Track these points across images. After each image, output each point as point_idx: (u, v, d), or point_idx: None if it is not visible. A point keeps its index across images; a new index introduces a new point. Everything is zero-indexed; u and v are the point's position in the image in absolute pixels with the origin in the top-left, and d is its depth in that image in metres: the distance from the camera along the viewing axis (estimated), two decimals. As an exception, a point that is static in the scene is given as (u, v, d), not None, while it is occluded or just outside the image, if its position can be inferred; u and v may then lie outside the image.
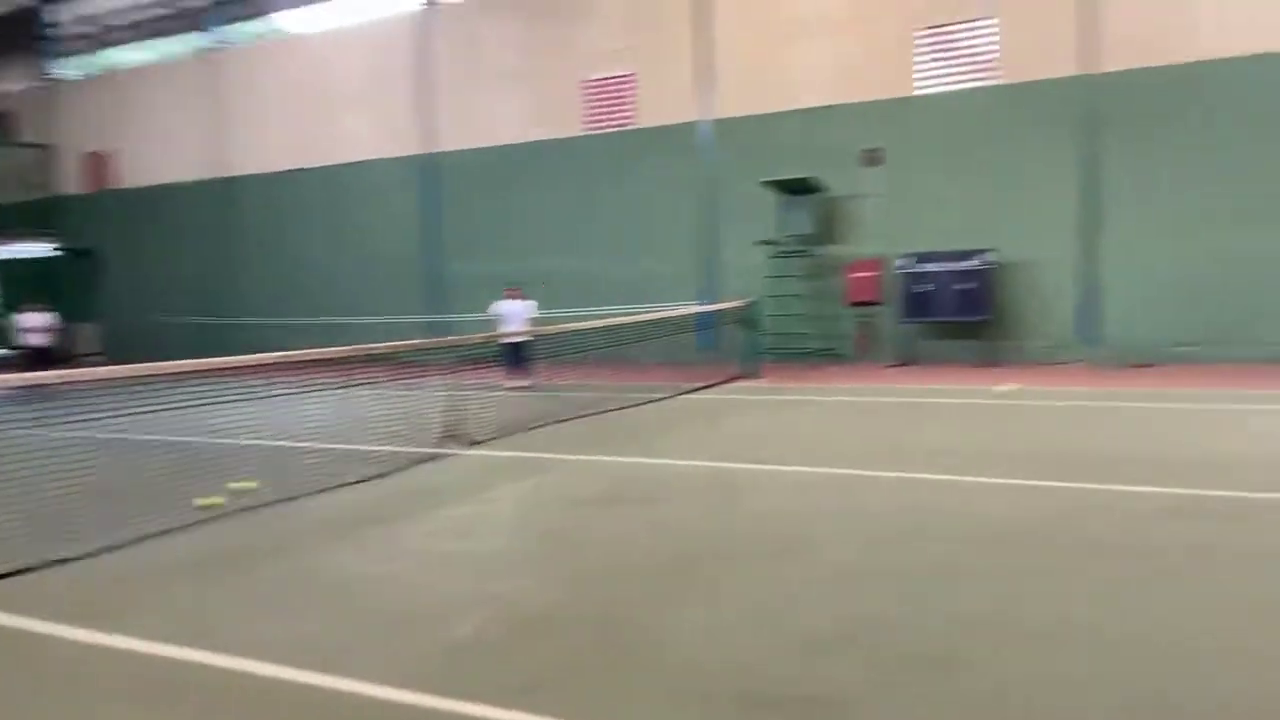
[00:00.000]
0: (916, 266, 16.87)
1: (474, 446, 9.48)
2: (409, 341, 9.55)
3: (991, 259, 16.42)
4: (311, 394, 10.86)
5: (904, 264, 16.96)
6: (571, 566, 5.55)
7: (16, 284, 24.14)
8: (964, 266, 16.52)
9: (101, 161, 26.94)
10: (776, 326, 17.51)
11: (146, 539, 6.19)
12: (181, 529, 6.45)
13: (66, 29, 27.51)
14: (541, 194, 20.93)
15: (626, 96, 20.26)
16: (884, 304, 17.33)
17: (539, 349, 14.75)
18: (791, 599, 4.78)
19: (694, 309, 16.21)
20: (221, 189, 24.98)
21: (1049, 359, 16.18)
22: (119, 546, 6.00)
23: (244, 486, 7.54)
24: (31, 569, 5.50)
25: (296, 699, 3.78)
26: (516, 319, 14.71)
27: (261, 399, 9.46)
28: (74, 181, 27.58)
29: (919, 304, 16.88)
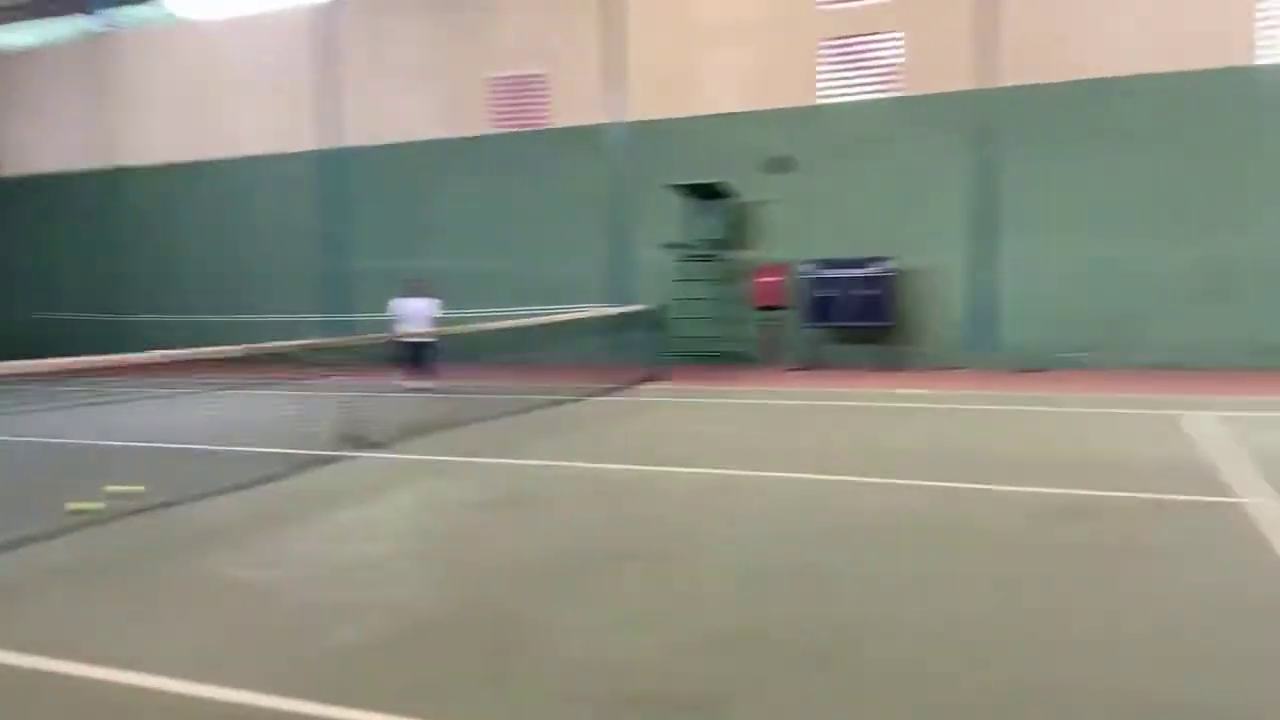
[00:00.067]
0: (820, 272, 17.16)
1: (371, 449, 9.24)
2: (305, 341, 9.26)
3: (892, 266, 16.82)
4: (200, 394, 10.46)
5: (808, 270, 17.24)
6: (465, 570, 5.43)
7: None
8: (866, 273, 16.87)
9: (-21, 148, 25.52)
10: (684, 329, 17.60)
11: (20, 545, 5.84)
12: (60, 534, 6.10)
13: (-58, 8, 26.02)
14: (449, 192, 20.62)
15: (536, 96, 20.12)
16: (789, 308, 17.58)
17: (443, 349, 14.50)
18: (683, 600, 4.77)
19: (602, 311, 16.17)
20: (108, 180, 23.90)
21: (946, 364, 16.64)
22: (-19, 553, 5.64)
23: (127, 490, 7.18)
24: (-121, 578, 5.13)
25: (164, 709, 3.58)
26: (417, 318, 14.33)
27: (148, 399, 9.06)
28: (-52, 169, 26.10)
29: (822, 309, 17.17)
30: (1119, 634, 4.22)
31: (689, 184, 17.84)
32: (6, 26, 25.37)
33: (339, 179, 21.65)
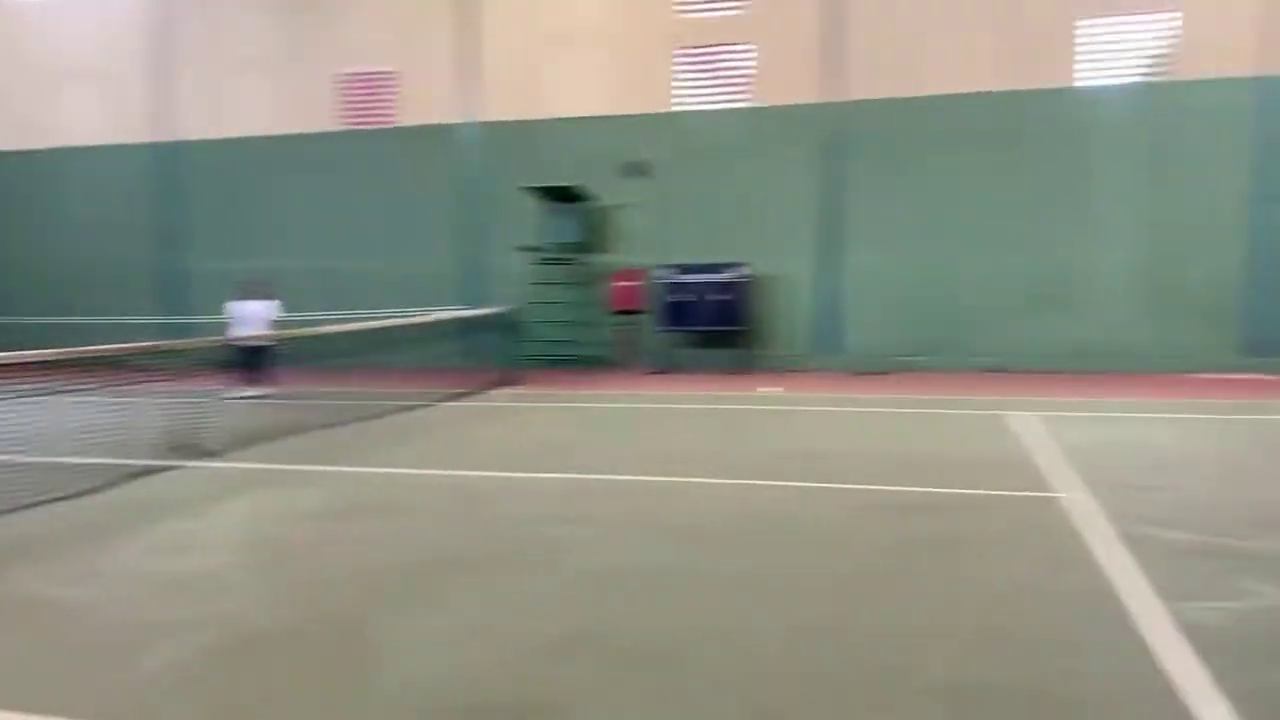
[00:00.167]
0: (676, 277, 17.38)
1: (205, 458, 8.77)
2: (130, 344, 8.69)
3: (746, 272, 17.20)
4: (13, 401, 9.69)
5: (664, 274, 17.43)
6: (301, 581, 5.20)
7: None
8: (721, 278, 17.19)
9: None
10: (540, 333, 17.50)
11: None
12: None
13: None
14: (296, 190, 19.87)
15: (387, 93, 19.63)
16: (645, 312, 17.73)
17: (286, 354, 13.92)
18: (528, 606, 4.71)
19: (455, 314, 15.88)
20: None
21: (795, 366, 17.14)
22: None
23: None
24: None
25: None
26: (255, 321, 13.65)
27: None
28: None
29: (678, 313, 17.40)
30: (944, 624, 4.41)
31: (545, 186, 17.76)
32: None
33: (176, 174, 20.54)
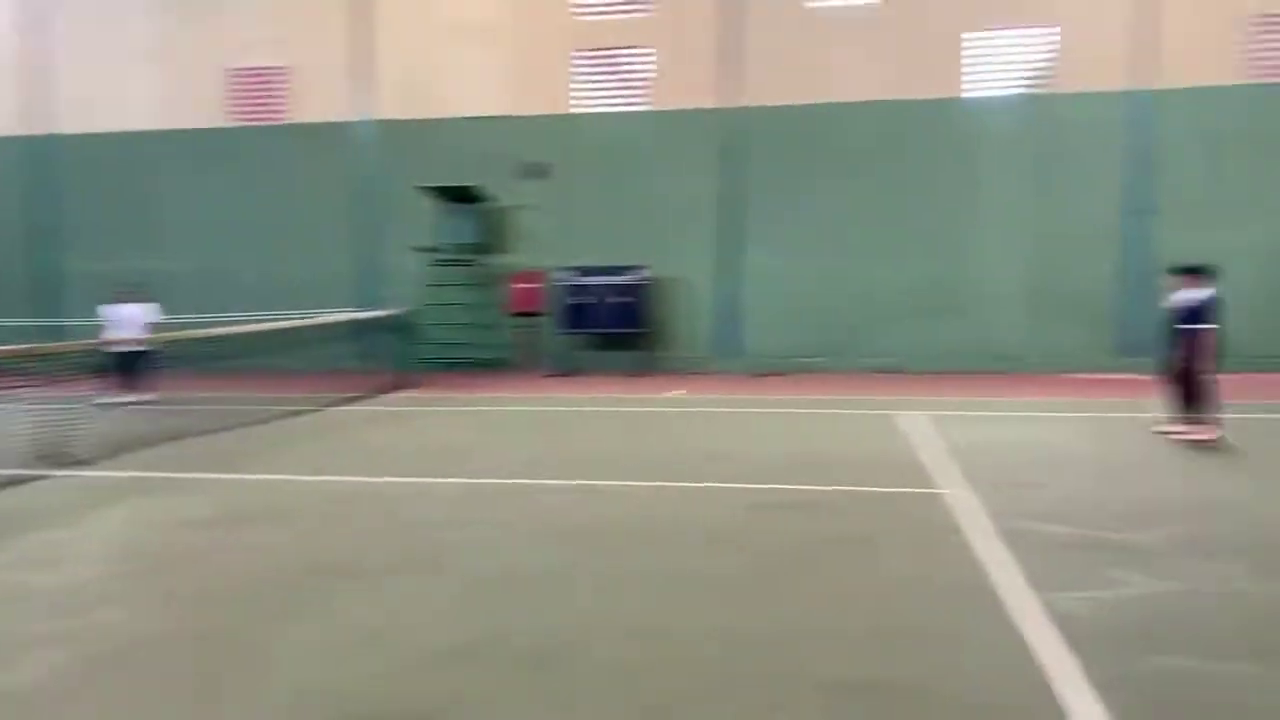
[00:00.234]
0: (576, 279, 17.33)
1: (75, 467, 8.33)
2: (1, 348, 8.20)
3: (647, 274, 17.26)
4: None
5: (564, 276, 17.36)
6: (178, 593, 4.96)
7: None
8: (621, 280, 17.21)
9: None
10: (437, 335, 17.21)
11: None
12: None
13: None
14: (181, 187, 19.13)
15: (278, 89, 19.05)
16: (545, 315, 17.62)
17: (166, 357, 13.33)
18: (419, 612, 4.61)
19: (349, 315, 15.49)
20: None
21: (695, 368, 17.26)
22: None
23: None
24: None
25: None
26: (130, 325, 13.04)
27: None
28: None
29: (578, 315, 17.34)
30: (833, 620, 4.47)
31: (442, 186, 17.50)
32: None
33: (50, 170, 19.52)
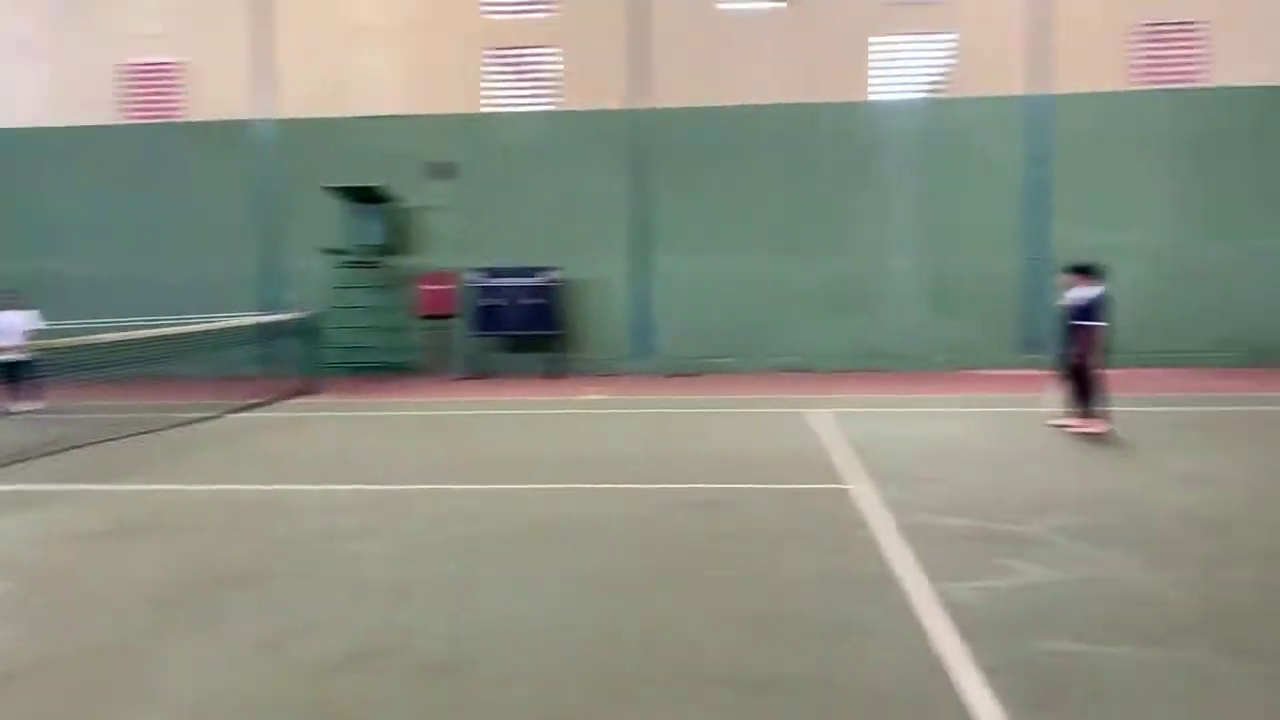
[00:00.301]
0: (487, 280, 17.16)
1: (-48, 480, 7.90)
2: None
3: (558, 276, 17.19)
4: None
5: (474, 278, 17.17)
6: (67, 608, 4.74)
7: None
8: (533, 282, 17.11)
9: None
10: (343, 339, 16.84)
11: None
12: None
13: None
14: (72, 187, 18.33)
15: (175, 86, 18.39)
16: (455, 317, 17.40)
17: (55, 365, 12.73)
18: (315, 622, 4.50)
19: (250, 319, 15.05)
20: None
21: (608, 370, 17.26)
22: None
23: None
24: None
25: None
26: (10, 333, 12.49)
27: None
28: None
29: (489, 317, 17.18)
30: (739, 615, 4.50)
31: (348, 187, 17.13)
32: None
33: (-75, 166, 18.51)
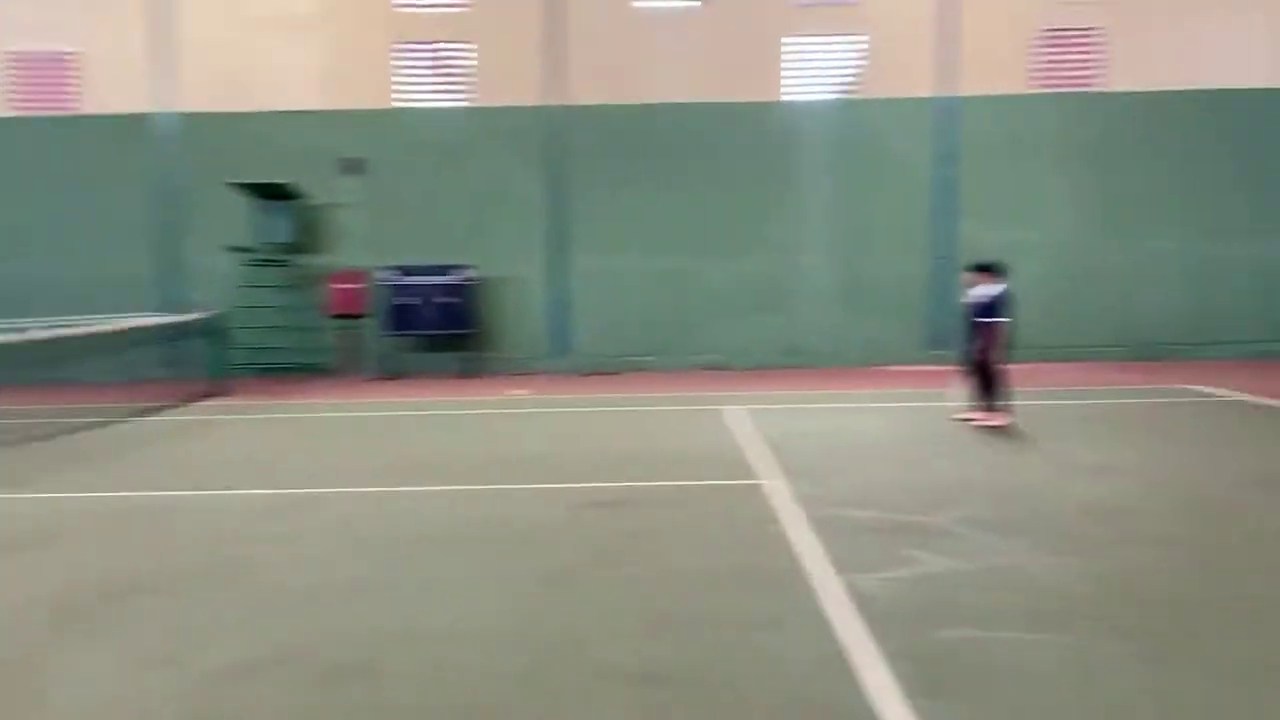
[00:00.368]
0: (400, 279, 16.85)
1: None
2: None
3: (473, 274, 16.97)
4: None
5: (387, 276, 16.85)
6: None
7: None
8: (446, 280, 16.86)
9: None
10: (251, 339, 16.36)
11: None
12: None
13: None
14: (-49, 182, 17.40)
15: (66, 77, 17.60)
16: (368, 316, 17.05)
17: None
18: (214, 630, 4.36)
19: (152, 320, 14.50)
20: None
21: (525, 369, 17.11)
22: None
23: None
24: None
25: None
26: None
27: None
28: None
29: (402, 316, 16.87)
30: (649, 613, 4.49)
31: (254, 183, 16.62)
32: None
33: None
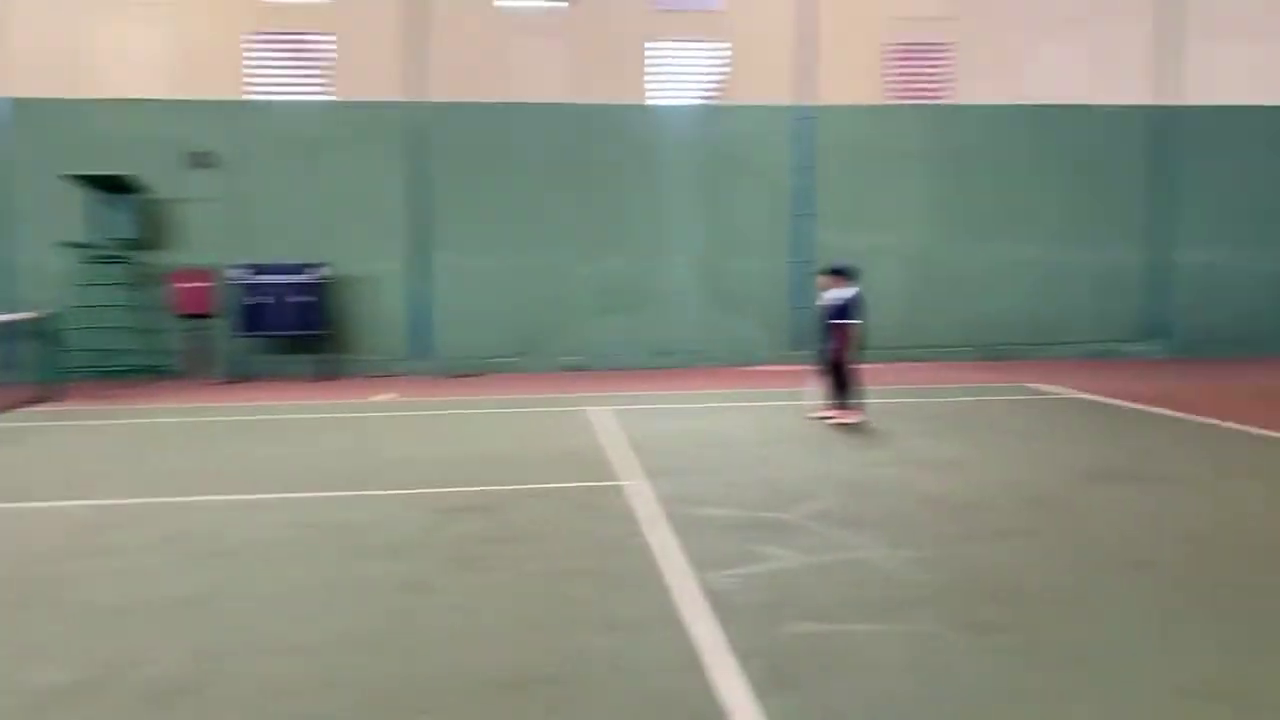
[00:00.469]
0: (252, 278, 16.17)
1: None
2: None
3: (330, 272, 16.45)
4: None
5: (238, 275, 16.14)
6: None
7: None
8: (301, 279, 16.28)
9: None
10: (89, 341, 15.38)
11: None
12: None
13: None
14: None
15: (-127, 54, 16.17)
16: (217, 316, 16.29)
17: None
18: (26, 652, 4.12)
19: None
20: None
21: (385, 371, 16.69)
22: None
23: None
24: None
25: None
26: None
27: None
28: None
29: (255, 317, 16.19)
30: (502, 618, 4.48)
31: (92, 175, 15.63)
32: None
33: None
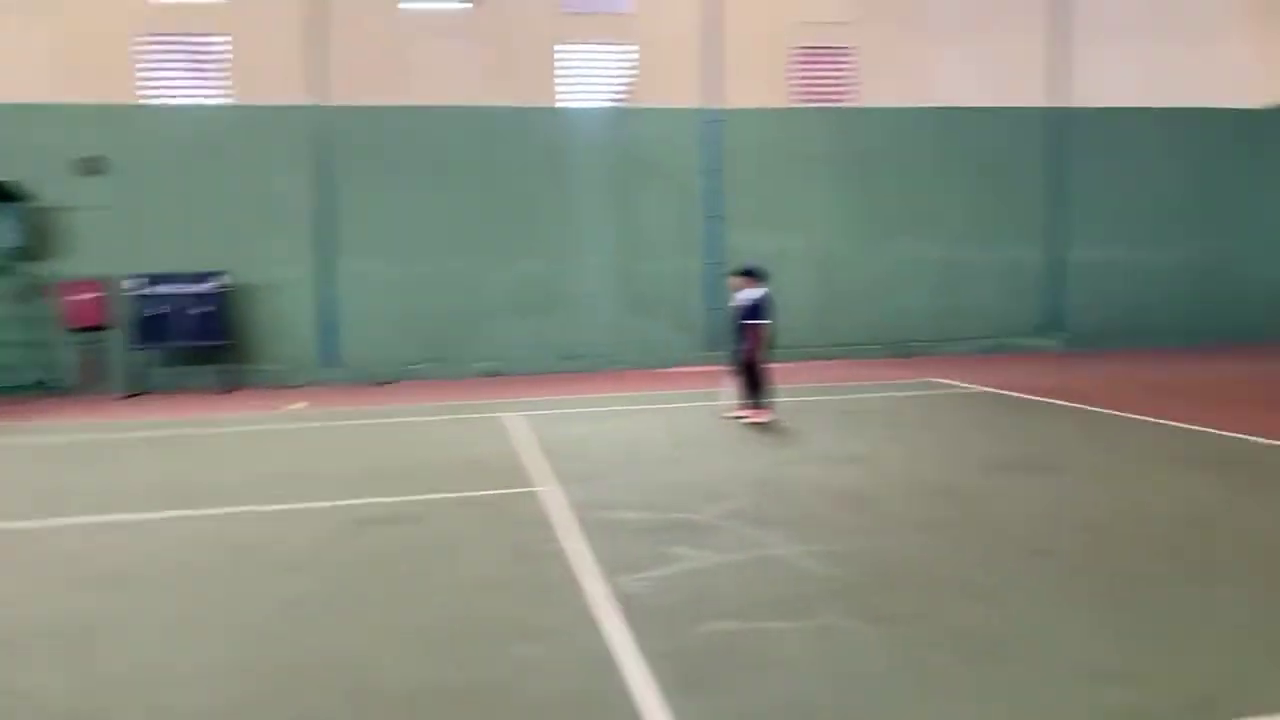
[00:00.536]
0: (148, 288, 15.58)
1: None
2: None
3: (231, 281, 15.96)
4: None
5: (134, 285, 15.53)
6: None
7: None
8: (200, 289, 15.75)
9: None
10: (-29, 357, 14.64)
11: None
12: None
13: None
14: None
15: None
16: (111, 328, 15.66)
17: None
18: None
19: None
20: None
21: (292, 382, 16.26)
22: None
23: None
24: None
25: None
26: None
27: None
28: None
29: (153, 328, 15.61)
30: (411, 630, 4.41)
31: (-30, 183, 14.90)
32: None
33: None
